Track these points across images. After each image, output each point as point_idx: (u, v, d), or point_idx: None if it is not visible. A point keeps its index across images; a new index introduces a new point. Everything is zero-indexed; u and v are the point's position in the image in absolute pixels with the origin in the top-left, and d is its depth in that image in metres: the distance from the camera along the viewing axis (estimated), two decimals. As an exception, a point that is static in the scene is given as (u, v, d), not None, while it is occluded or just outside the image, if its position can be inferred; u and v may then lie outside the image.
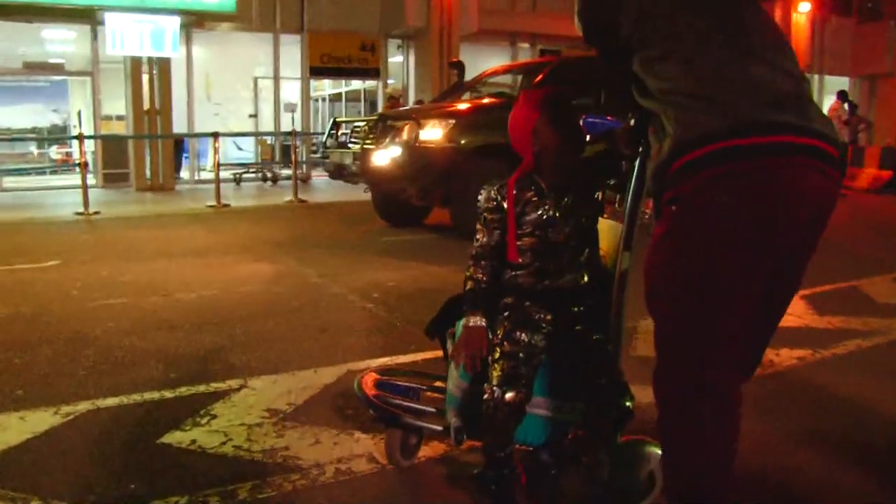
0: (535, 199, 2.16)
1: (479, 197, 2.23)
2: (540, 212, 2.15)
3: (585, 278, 2.17)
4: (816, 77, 22.70)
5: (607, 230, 2.25)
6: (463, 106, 8.12)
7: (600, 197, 2.24)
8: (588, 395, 2.05)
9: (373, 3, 16.02)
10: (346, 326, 4.35)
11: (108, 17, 12.56)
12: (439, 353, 3.65)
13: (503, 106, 8.20)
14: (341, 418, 2.95)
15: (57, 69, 16.68)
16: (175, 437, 2.76)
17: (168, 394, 3.23)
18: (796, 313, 4.65)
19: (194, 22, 14.01)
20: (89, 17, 13.14)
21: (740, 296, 1.64)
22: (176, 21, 13.04)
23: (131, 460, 2.58)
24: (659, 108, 1.71)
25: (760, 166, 1.58)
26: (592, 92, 7.43)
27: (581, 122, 2.27)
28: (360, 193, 10.40)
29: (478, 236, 2.27)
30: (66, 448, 2.68)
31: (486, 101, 8.40)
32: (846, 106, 16.55)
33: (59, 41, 15.54)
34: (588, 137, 2.26)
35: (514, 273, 2.19)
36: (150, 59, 13.34)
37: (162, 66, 13.49)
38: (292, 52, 15.59)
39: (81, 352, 3.81)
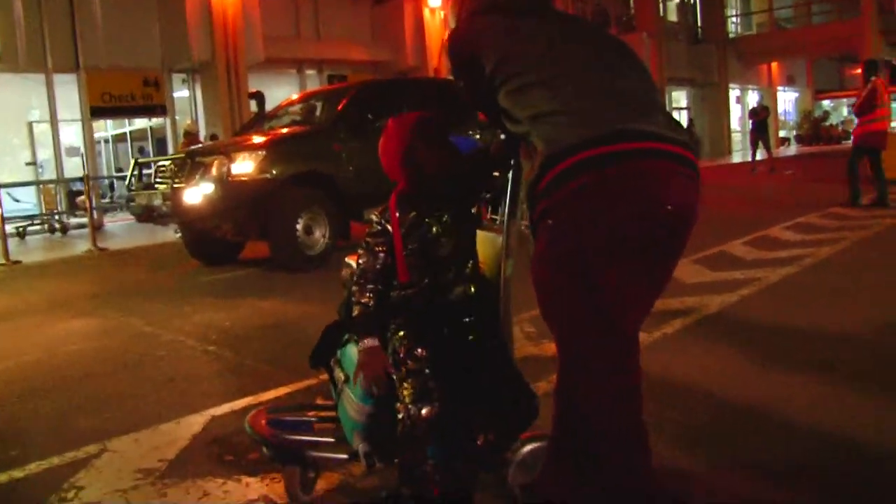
0: (417, 219, 2.23)
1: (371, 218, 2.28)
2: (423, 230, 2.22)
3: (473, 289, 2.27)
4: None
5: (484, 241, 2.36)
6: (272, 137, 8.02)
7: (476, 211, 2.35)
8: (491, 400, 2.14)
9: (152, 38, 15.36)
10: (195, 373, 4.17)
11: None
12: (300, 384, 3.70)
13: (311, 134, 8.21)
14: (222, 465, 2.84)
15: None
16: (43, 518, 2.54)
17: (17, 473, 2.93)
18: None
19: (-50, 64, 12.78)
20: None
21: (624, 296, 1.72)
22: (-71, 65, 11.83)
23: (-1, 550, 2.35)
24: (529, 130, 1.80)
25: (624, 172, 1.67)
26: (393, 113, 7.64)
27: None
28: (163, 236, 9.97)
29: (360, 261, 2.30)
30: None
31: (293, 130, 8.34)
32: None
33: None
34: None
35: (404, 292, 2.25)
36: None
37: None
38: (69, 92, 14.54)
39: None
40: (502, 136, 2.11)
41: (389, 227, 2.23)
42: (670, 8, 29.59)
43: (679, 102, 31.11)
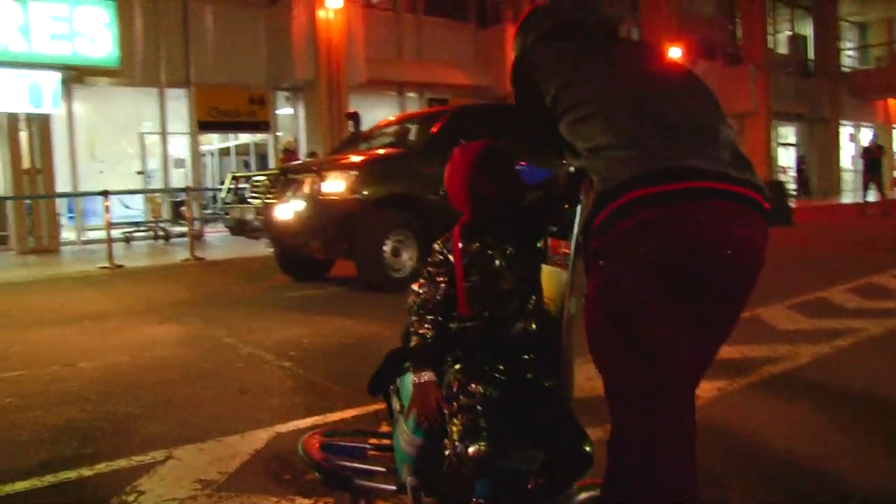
0: (480, 250, 2.18)
1: (433, 247, 2.24)
2: (486, 263, 2.17)
3: (534, 325, 2.19)
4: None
5: (550, 277, 2.29)
6: (364, 157, 8.13)
7: (542, 244, 2.28)
8: (545, 443, 2.06)
9: (260, 57, 15.95)
10: (267, 387, 4.22)
11: (-20, 72, 11.99)
12: (368, 408, 3.67)
13: (404, 156, 8.28)
14: (279, 484, 2.85)
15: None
16: (101, 520, 2.59)
17: (86, 472, 3.03)
18: (706, 345, 4.84)
19: (75, 77, 13.54)
20: (-41, 73, 12.51)
21: (675, 344, 1.61)
22: (55, 77, 12.57)
23: (56, 550, 2.41)
24: (587, 165, 1.72)
25: (680, 212, 1.56)
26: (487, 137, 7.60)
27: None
28: (258, 249, 10.24)
29: (420, 290, 2.26)
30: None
31: (386, 151, 8.44)
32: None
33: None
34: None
35: (463, 325, 2.19)
36: (28, 116, 12.76)
37: (41, 123, 12.93)
38: (179, 106, 15.27)
39: (-20, 434, 3.55)
40: (571, 169, 2.04)
41: (451, 258, 2.19)
42: (780, 40, 28.68)
43: (787, 138, 30.09)
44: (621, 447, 1.68)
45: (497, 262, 2.17)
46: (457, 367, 2.14)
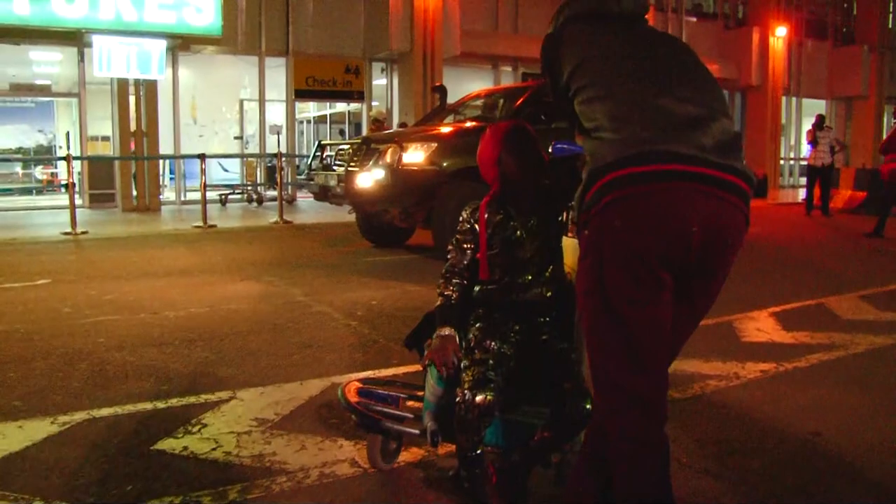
0: (503, 221, 2.38)
1: (461, 217, 2.45)
2: (508, 233, 2.36)
3: (550, 292, 2.37)
4: (794, 99, 23.25)
5: (571, 247, 2.44)
6: (445, 129, 8.32)
7: (564, 218, 2.44)
8: (553, 400, 2.24)
9: (356, 27, 16.31)
10: (330, 343, 4.51)
11: (95, 39, 12.70)
12: (419, 367, 3.88)
13: (484, 129, 8.38)
14: (326, 427, 3.11)
15: (43, 90, 16.86)
16: (168, 444, 2.91)
17: (160, 405, 3.38)
18: (764, 329, 4.87)
19: (180, 45, 14.21)
20: (76, 40, 13.31)
21: (646, 312, 1.74)
22: (162, 44, 13.22)
23: (127, 465, 2.73)
24: (585, 144, 1.87)
25: (649, 191, 1.70)
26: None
27: (550, 149, 2.48)
28: (344, 215, 10.62)
29: (449, 255, 2.48)
30: (64, 454, 2.83)
31: (467, 124, 8.60)
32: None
33: (46, 63, 15.72)
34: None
35: (484, 288, 2.40)
36: (136, 81, 13.50)
37: (148, 88, 13.65)
38: (277, 74, 15.81)
39: (75, 366, 3.96)
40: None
41: (477, 227, 2.39)
42: (901, 20, 27.09)
43: (900, 124, 28.63)
44: (597, 412, 1.85)
45: (518, 233, 2.36)
46: (477, 325, 2.34)
